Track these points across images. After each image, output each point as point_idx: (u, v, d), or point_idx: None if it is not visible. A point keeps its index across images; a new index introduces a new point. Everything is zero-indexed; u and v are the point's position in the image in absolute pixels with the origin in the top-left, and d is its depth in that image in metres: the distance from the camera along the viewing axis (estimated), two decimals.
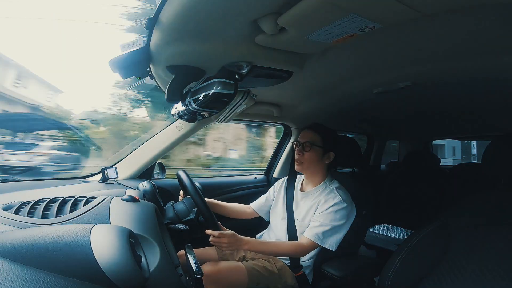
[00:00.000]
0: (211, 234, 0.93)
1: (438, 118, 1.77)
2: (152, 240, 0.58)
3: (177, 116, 1.01)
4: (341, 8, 0.51)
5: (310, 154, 1.11)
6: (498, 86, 1.00)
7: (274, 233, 1.20)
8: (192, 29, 0.62)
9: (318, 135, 1.12)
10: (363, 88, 1.13)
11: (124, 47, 0.71)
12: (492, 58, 0.77)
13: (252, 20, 0.59)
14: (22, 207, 0.59)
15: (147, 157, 1.34)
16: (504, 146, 0.78)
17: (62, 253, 0.43)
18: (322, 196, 1.08)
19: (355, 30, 0.59)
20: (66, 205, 0.62)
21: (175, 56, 0.75)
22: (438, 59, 0.82)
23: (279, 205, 1.23)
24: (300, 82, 1.06)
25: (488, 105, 1.32)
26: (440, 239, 0.76)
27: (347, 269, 1.07)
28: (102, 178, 1.18)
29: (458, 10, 0.57)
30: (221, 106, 0.88)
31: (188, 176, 1.01)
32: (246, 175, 1.86)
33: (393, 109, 1.57)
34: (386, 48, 0.78)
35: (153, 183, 1.07)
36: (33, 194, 0.84)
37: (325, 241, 1.01)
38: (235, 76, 0.80)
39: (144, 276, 0.48)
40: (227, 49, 0.71)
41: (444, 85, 1.05)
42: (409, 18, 0.55)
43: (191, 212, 1.02)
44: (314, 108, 1.47)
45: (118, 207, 0.64)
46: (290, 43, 0.68)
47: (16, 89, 4.49)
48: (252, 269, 1.02)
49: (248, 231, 1.26)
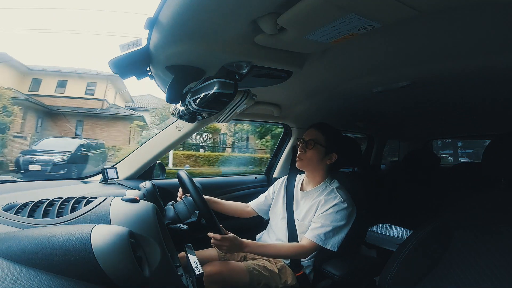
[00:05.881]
0: (213, 237, 0.93)
1: (438, 118, 1.77)
2: (152, 240, 0.58)
3: (177, 116, 1.01)
4: (340, 8, 0.51)
5: (312, 152, 1.11)
6: (498, 86, 1.00)
7: (274, 233, 1.20)
8: (191, 29, 0.62)
9: (322, 134, 1.12)
10: (362, 88, 1.13)
11: (123, 47, 0.71)
12: (492, 58, 0.77)
13: (252, 20, 0.59)
14: (23, 208, 0.59)
15: (147, 157, 1.34)
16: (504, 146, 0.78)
17: (63, 254, 0.43)
18: (322, 196, 1.08)
19: (355, 30, 0.59)
20: (67, 206, 0.62)
21: (175, 56, 0.75)
22: (438, 59, 0.82)
23: (279, 204, 1.23)
24: (300, 82, 1.06)
25: (488, 105, 1.31)
26: (440, 239, 0.76)
27: (347, 268, 1.07)
28: (103, 179, 1.18)
29: (458, 10, 0.57)
30: (221, 106, 0.88)
31: (188, 176, 1.02)
32: (246, 175, 1.86)
33: (393, 109, 1.57)
34: (386, 47, 0.78)
35: (153, 183, 1.08)
36: (34, 194, 0.85)
37: (327, 242, 1.01)
38: (234, 76, 0.80)
39: (145, 276, 0.48)
40: (227, 49, 0.71)
41: (444, 85, 1.05)
42: (409, 17, 0.55)
43: (192, 214, 1.02)
44: (314, 107, 1.47)
45: (118, 208, 0.64)
46: (290, 43, 0.68)
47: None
48: (252, 269, 1.02)
49: (248, 231, 1.26)
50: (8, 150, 7.99)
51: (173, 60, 0.77)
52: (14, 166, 7.14)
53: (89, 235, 0.46)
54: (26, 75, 10.13)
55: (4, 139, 7.99)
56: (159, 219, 0.71)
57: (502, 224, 0.70)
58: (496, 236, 0.69)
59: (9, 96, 8.12)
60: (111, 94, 11.41)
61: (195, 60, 0.79)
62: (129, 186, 1.17)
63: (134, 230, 0.55)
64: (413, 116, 1.76)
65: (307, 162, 1.13)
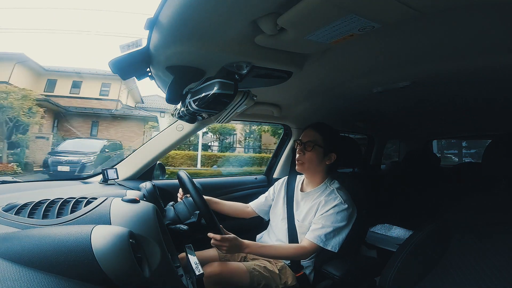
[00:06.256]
0: (213, 237, 0.93)
1: (438, 118, 1.77)
2: (152, 240, 0.58)
3: (177, 117, 1.01)
4: (340, 8, 0.51)
5: (311, 154, 1.10)
6: (498, 86, 1.00)
7: (274, 234, 1.19)
8: (191, 29, 0.62)
9: (320, 135, 1.11)
10: (363, 88, 1.13)
11: (124, 48, 0.71)
12: (492, 58, 0.77)
13: (252, 20, 0.59)
14: (23, 208, 0.59)
15: (147, 158, 1.34)
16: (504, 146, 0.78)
17: (63, 254, 0.43)
18: (322, 197, 1.08)
19: (355, 30, 0.59)
20: (67, 206, 0.62)
21: (175, 57, 0.75)
22: (438, 59, 0.82)
23: (279, 205, 1.23)
24: (300, 82, 1.06)
25: (488, 105, 1.31)
26: (440, 239, 0.76)
27: (347, 269, 1.07)
28: (103, 179, 1.18)
29: (458, 10, 0.57)
30: (221, 106, 0.88)
31: (188, 176, 1.01)
32: (246, 175, 1.86)
33: (393, 109, 1.57)
34: (386, 48, 0.78)
35: (153, 184, 1.07)
36: (34, 195, 0.85)
37: (328, 243, 1.01)
38: (235, 77, 0.80)
39: (145, 277, 0.48)
40: (227, 50, 0.71)
41: (444, 85, 1.05)
42: (409, 18, 0.55)
43: (192, 214, 1.02)
44: (314, 108, 1.47)
45: (118, 208, 0.64)
46: (290, 43, 0.68)
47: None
48: (253, 270, 1.02)
49: (248, 232, 1.26)
50: (31, 151, 8.10)
51: (173, 60, 0.77)
52: (42, 167, 7.27)
53: (89, 235, 0.46)
54: (41, 76, 10.21)
55: (27, 140, 8.07)
56: (159, 220, 0.71)
57: (502, 225, 0.70)
58: (496, 236, 0.69)
59: (35, 97, 8.21)
60: (123, 94, 11.51)
61: (195, 60, 0.79)
62: (129, 186, 1.17)
63: (134, 230, 0.55)
64: (413, 116, 1.76)
65: (307, 165, 1.12)
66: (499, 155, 0.78)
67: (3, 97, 7.74)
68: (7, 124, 7.74)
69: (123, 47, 0.71)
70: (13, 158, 7.68)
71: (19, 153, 7.87)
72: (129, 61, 0.74)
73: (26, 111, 7.86)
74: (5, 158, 7.58)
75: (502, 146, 0.79)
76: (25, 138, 8.03)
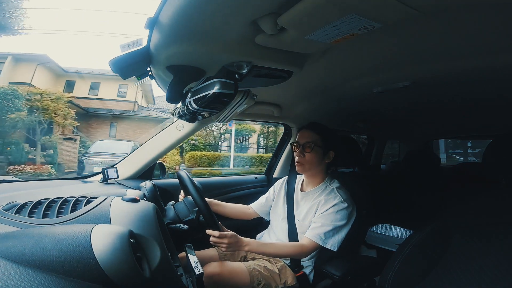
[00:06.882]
0: (212, 234, 0.92)
1: (438, 118, 1.77)
2: (152, 240, 0.58)
3: (177, 116, 1.01)
4: (341, 8, 0.51)
5: (311, 155, 1.10)
6: (498, 86, 1.00)
7: (275, 233, 1.20)
8: (192, 29, 0.62)
9: (317, 134, 1.11)
10: (363, 88, 1.13)
11: (124, 47, 0.71)
12: (492, 58, 0.77)
13: (252, 20, 0.59)
14: (23, 207, 0.59)
15: (148, 157, 1.34)
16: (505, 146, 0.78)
17: (63, 254, 0.43)
18: (322, 196, 1.08)
19: (355, 30, 0.59)
20: (67, 205, 0.62)
21: (175, 56, 0.75)
22: (438, 59, 0.82)
23: (279, 205, 1.23)
24: (300, 82, 1.06)
25: (488, 104, 1.31)
26: (440, 239, 0.76)
27: (347, 268, 1.07)
28: (103, 178, 1.18)
29: (458, 10, 0.57)
30: (221, 106, 0.88)
31: (188, 176, 1.01)
32: (246, 175, 1.87)
33: (393, 109, 1.57)
34: (386, 47, 0.78)
35: (153, 183, 1.07)
36: (34, 194, 0.85)
37: (327, 241, 1.01)
38: (235, 76, 0.80)
39: (145, 276, 0.48)
40: (227, 49, 0.71)
41: (444, 85, 1.05)
42: (409, 17, 0.55)
43: (191, 212, 1.02)
44: (314, 108, 1.47)
45: (118, 207, 0.64)
46: (290, 43, 0.68)
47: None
48: (253, 269, 1.02)
49: (248, 231, 1.26)
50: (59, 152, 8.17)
51: (174, 60, 0.77)
52: (78, 168, 7.47)
53: (89, 235, 0.46)
54: (60, 77, 10.25)
55: (55, 141, 8.13)
56: (159, 219, 0.71)
57: (502, 225, 0.70)
58: (496, 236, 0.69)
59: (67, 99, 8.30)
60: (138, 95, 11.57)
61: (196, 60, 0.79)
62: (129, 186, 1.17)
63: (134, 230, 0.55)
64: (413, 116, 1.76)
65: (308, 166, 1.12)
66: (499, 155, 0.78)
67: (37, 99, 7.81)
68: (40, 125, 7.79)
69: (123, 47, 0.70)
70: (45, 159, 7.76)
71: (52, 155, 7.94)
72: (129, 61, 0.74)
73: (61, 112, 7.95)
74: (39, 159, 7.65)
75: (502, 146, 0.79)
76: (54, 140, 8.11)
